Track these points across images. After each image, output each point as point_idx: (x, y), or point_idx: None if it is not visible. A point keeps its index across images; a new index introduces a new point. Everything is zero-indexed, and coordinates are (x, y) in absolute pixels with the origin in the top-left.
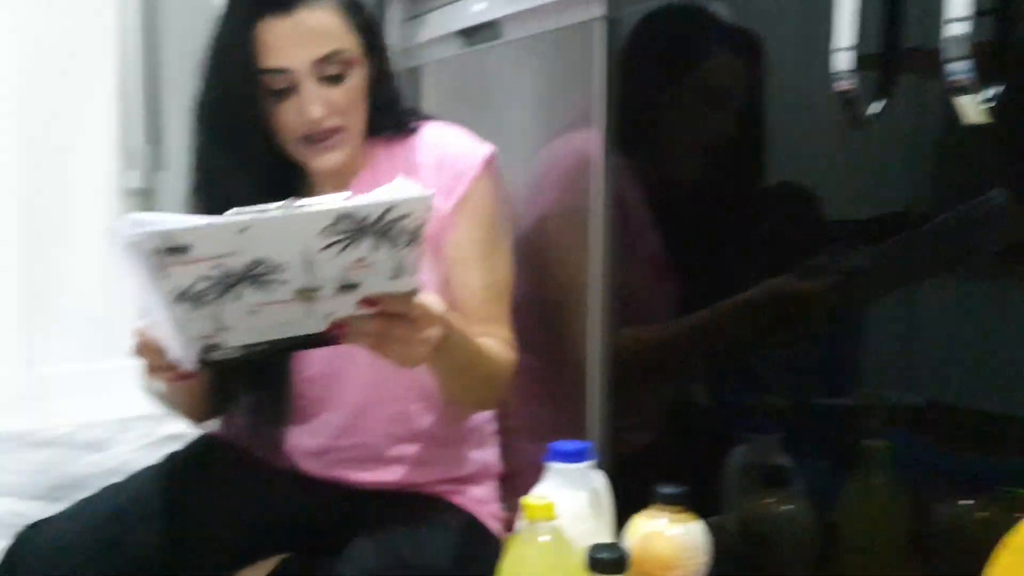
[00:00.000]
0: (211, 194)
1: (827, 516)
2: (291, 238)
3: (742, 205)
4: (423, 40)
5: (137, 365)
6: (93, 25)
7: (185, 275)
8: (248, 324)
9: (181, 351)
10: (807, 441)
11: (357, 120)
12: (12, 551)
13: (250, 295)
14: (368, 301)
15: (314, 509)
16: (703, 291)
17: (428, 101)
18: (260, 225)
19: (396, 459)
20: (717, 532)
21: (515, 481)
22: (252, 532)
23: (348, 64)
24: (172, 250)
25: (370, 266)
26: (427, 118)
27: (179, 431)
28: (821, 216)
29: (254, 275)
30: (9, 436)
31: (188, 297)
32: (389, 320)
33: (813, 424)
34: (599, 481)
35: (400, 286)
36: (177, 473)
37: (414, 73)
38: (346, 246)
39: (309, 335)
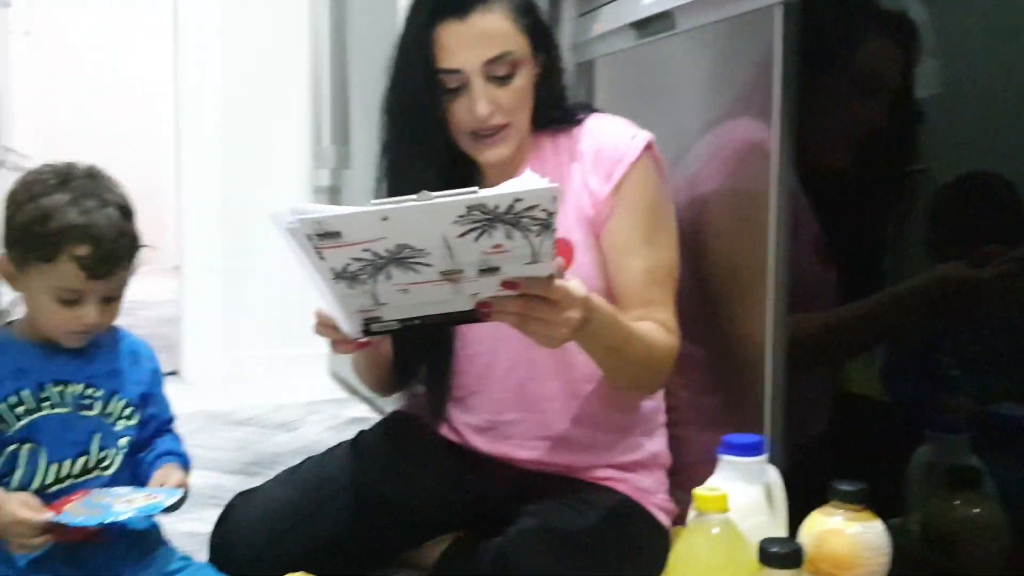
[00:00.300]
0: (396, 182)
1: (1020, 521)
2: (429, 225)
3: (904, 192)
4: (596, 34)
5: (322, 346)
6: (288, 35)
7: (339, 257)
8: (401, 301)
9: (346, 324)
10: (995, 442)
11: (522, 117)
12: (225, 515)
13: (399, 276)
14: (509, 283)
15: (484, 486)
16: (866, 279)
17: (601, 94)
18: (398, 213)
19: (561, 439)
20: (897, 533)
21: (682, 473)
22: (431, 505)
23: (515, 65)
24: (324, 235)
25: (507, 252)
26: (593, 111)
27: (362, 414)
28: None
29: (400, 258)
30: (212, 415)
31: (344, 276)
32: (530, 301)
33: (1002, 424)
34: (773, 475)
35: (538, 271)
36: (368, 448)
37: (587, 67)
38: (481, 233)
39: (458, 311)
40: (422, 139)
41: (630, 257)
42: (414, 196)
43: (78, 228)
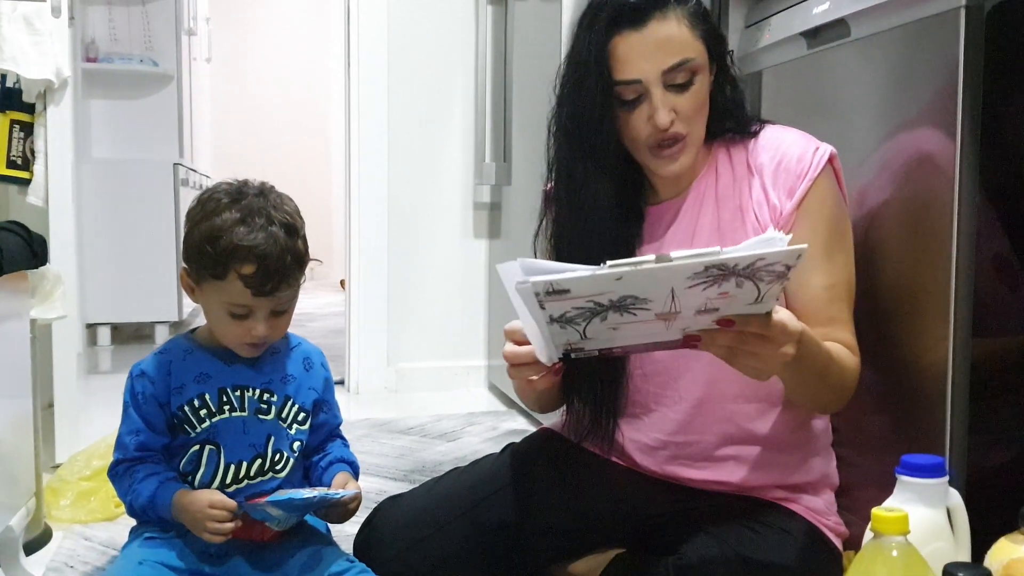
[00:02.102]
0: (572, 199)
1: None
2: (661, 282)
3: None
4: (764, 44)
5: (481, 359)
6: (452, 57)
7: (561, 307)
8: (608, 336)
9: (545, 353)
10: None
11: (699, 126)
12: (372, 517)
13: (614, 318)
14: (725, 321)
15: (647, 505)
16: None
17: (769, 105)
18: (633, 275)
19: (731, 459)
20: None
21: (851, 495)
22: (585, 521)
23: (694, 72)
24: (553, 293)
25: (732, 298)
26: (768, 121)
27: (519, 426)
28: None
29: (622, 306)
30: (376, 424)
31: (561, 321)
32: (743, 336)
33: None
34: (955, 498)
35: (757, 309)
36: (519, 459)
37: (755, 78)
38: (711, 285)
39: (662, 341)
40: (600, 154)
41: (811, 274)
42: (652, 257)
43: (244, 248)
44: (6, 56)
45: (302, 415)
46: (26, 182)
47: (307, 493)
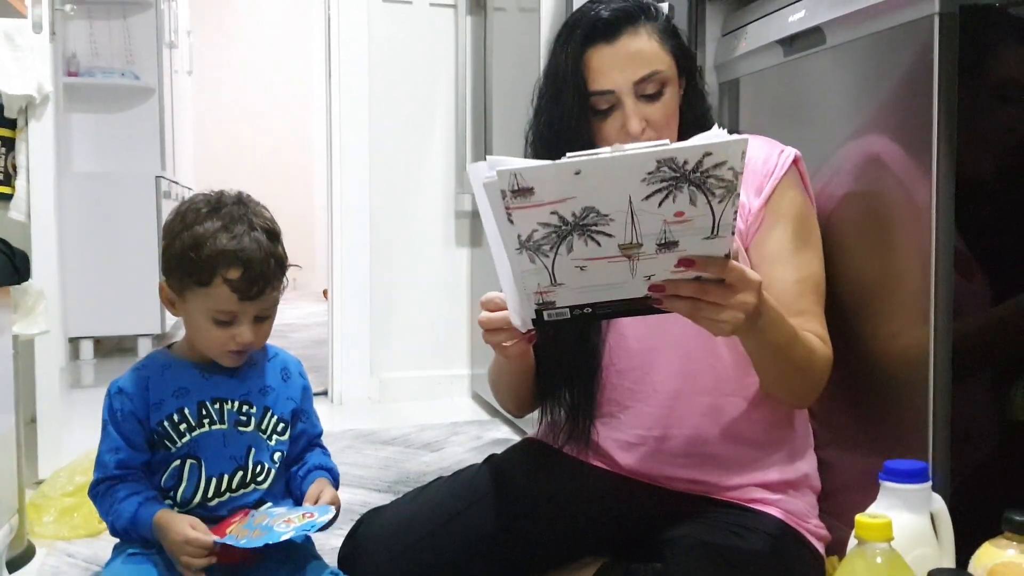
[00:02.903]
0: None
1: None
2: (617, 183)
3: None
4: (741, 52)
5: (465, 367)
6: (433, 70)
7: (527, 221)
8: (577, 281)
9: (519, 310)
10: None
11: (670, 135)
12: (356, 529)
13: (580, 249)
14: (686, 260)
15: (630, 511)
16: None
17: (747, 112)
18: (591, 165)
19: (710, 457)
20: None
21: (834, 498)
22: (568, 529)
23: (663, 83)
24: (517, 192)
25: (688, 221)
26: (735, 131)
27: (504, 436)
28: None
29: (584, 224)
30: (359, 434)
31: (528, 247)
32: (704, 284)
33: None
34: (938, 503)
35: (716, 248)
36: (500, 469)
37: (733, 85)
38: (666, 196)
39: (630, 300)
40: None
41: (781, 267)
42: (607, 148)
43: (229, 253)
44: None
45: (281, 425)
46: (8, 197)
47: (284, 529)
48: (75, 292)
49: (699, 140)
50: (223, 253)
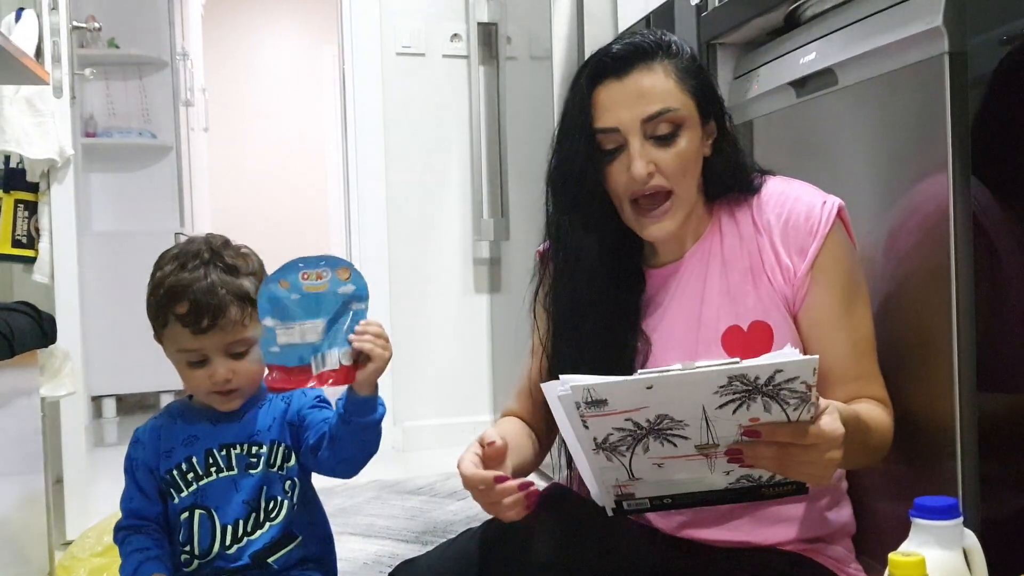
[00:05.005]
0: (562, 255)
1: None
2: (690, 396)
3: None
4: (754, 95)
5: (488, 414)
6: (448, 118)
7: (602, 427)
8: (654, 476)
9: (600, 496)
10: None
11: (687, 185)
12: None
13: (656, 449)
14: (751, 431)
15: (663, 564)
16: None
17: (761, 154)
18: (662, 381)
19: (747, 515)
20: None
21: (867, 540)
22: None
23: (678, 125)
24: (591, 403)
25: (764, 424)
26: (769, 172)
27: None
28: None
29: (659, 429)
30: (384, 485)
31: (605, 447)
32: (785, 448)
33: None
34: (970, 539)
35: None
36: (526, 519)
37: (746, 128)
38: (739, 405)
39: (710, 491)
40: (584, 206)
41: (833, 332)
42: (678, 365)
43: (177, 288)
44: (9, 138)
45: (291, 453)
46: (31, 260)
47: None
48: (97, 350)
49: (770, 359)
50: (171, 290)
